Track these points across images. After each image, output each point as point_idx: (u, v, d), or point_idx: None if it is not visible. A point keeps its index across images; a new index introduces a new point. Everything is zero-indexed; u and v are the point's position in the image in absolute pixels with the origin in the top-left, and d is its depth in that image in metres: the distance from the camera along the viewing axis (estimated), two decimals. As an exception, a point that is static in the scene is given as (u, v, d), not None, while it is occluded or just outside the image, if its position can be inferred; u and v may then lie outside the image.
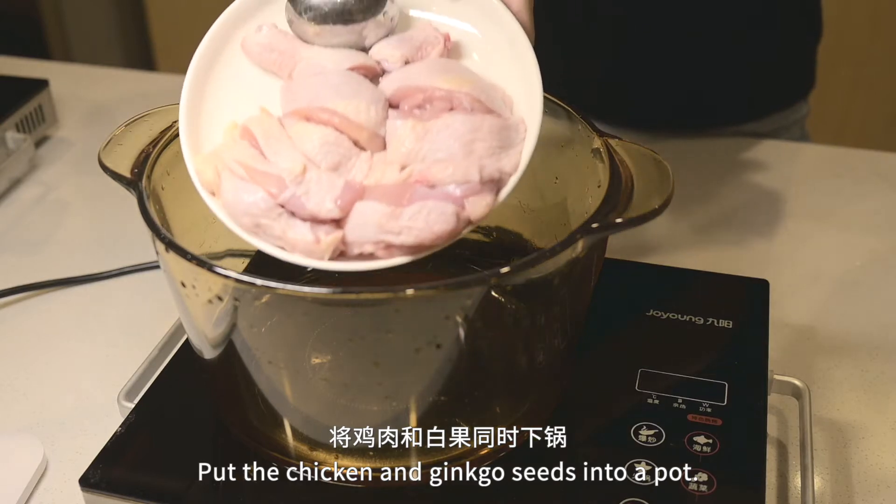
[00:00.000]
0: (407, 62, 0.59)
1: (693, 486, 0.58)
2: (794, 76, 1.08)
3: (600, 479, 0.59)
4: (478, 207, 0.53)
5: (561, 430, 0.63)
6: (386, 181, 0.54)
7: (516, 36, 0.59)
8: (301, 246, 0.52)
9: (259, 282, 0.52)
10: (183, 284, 0.56)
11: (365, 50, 0.60)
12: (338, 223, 0.53)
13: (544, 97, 0.66)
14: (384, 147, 0.56)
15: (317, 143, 0.55)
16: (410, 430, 0.57)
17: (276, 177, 0.53)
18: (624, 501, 0.57)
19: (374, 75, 0.59)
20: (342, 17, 0.59)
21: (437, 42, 0.60)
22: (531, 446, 0.61)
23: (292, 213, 0.53)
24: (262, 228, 0.54)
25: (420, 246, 0.52)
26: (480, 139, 0.54)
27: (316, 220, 0.53)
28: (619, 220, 0.55)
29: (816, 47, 1.07)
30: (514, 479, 0.60)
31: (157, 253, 0.57)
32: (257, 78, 0.62)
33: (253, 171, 0.54)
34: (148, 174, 0.60)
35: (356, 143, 0.56)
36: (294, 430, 0.60)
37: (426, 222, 0.52)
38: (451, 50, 0.61)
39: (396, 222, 0.52)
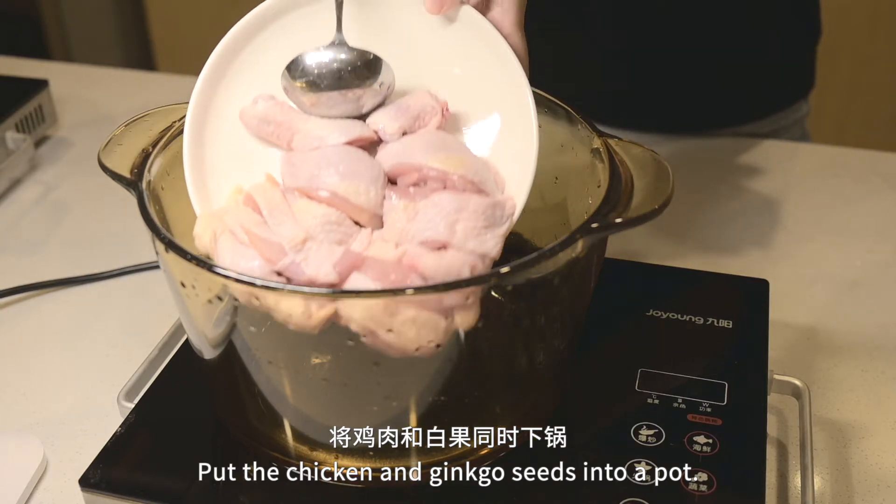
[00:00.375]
0: (405, 133, 0.59)
1: (693, 486, 0.58)
2: (794, 76, 1.08)
3: (600, 479, 0.59)
4: (466, 319, 0.53)
5: (561, 430, 0.63)
6: (382, 257, 0.54)
7: (508, 60, 0.60)
8: (294, 319, 0.52)
9: (259, 282, 0.52)
10: (183, 284, 0.56)
11: (362, 117, 0.61)
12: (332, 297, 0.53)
13: (544, 97, 0.66)
14: (383, 224, 0.57)
15: (319, 220, 0.56)
16: (410, 430, 0.57)
17: (277, 244, 0.54)
18: (624, 501, 0.57)
19: (372, 145, 0.60)
20: (337, 84, 0.60)
21: (436, 112, 0.60)
22: (531, 446, 0.61)
23: (288, 281, 0.53)
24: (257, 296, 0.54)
25: (403, 352, 0.53)
26: (465, 219, 0.55)
27: (313, 285, 0.53)
28: (619, 220, 0.55)
29: (816, 47, 1.07)
30: (514, 479, 0.60)
31: (157, 253, 0.57)
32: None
33: (255, 236, 0.55)
34: (147, 174, 0.60)
35: (356, 223, 0.57)
36: (294, 430, 0.60)
37: (416, 333, 0.52)
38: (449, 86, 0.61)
39: (389, 319, 0.52)
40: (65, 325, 0.82)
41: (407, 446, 0.58)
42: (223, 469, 0.61)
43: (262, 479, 0.60)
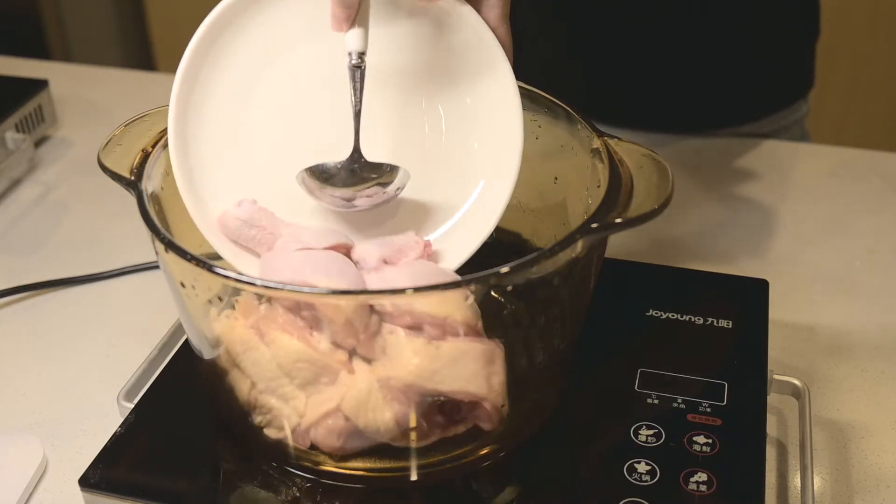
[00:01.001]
0: (385, 262, 0.61)
1: (693, 486, 0.58)
2: (794, 76, 1.08)
3: (600, 479, 0.59)
4: None
5: (561, 429, 0.63)
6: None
7: (494, 52, 0.61)
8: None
9: (259, 282, 0.52)
10: (183, 284, 0.56)
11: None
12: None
13: (544, 97, 0.66)
14: (356, 336, 0.56)
15: (292, 357, 0.56)
16: (410, 430, 0.57)
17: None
18: (624, 501, 0.57)
19: (347, 253, 0.61)
20: (351, 181, 0.62)
21: (417, 246, 0.62)
22: (531, 447, 0.61)
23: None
24: None
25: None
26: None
27: None
28: (618, 220, 0.55)
29: (815, 46, 1.07)
30: (513, 479, 0.60)
31: (157, 253, 0.57)
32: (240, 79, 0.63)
33: None
34: (147, 174, 0.60)
35: (335, 331, 0.56)
36: (296, 432, 0.60)
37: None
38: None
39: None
40: (65, 325, 0.82)
41: (406, 446, 0.58)
42: (223, 469, 0.61)
43: (262, 479, 0.60)
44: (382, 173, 0.63)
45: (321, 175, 0.62)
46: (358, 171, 0.62)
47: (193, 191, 0.62)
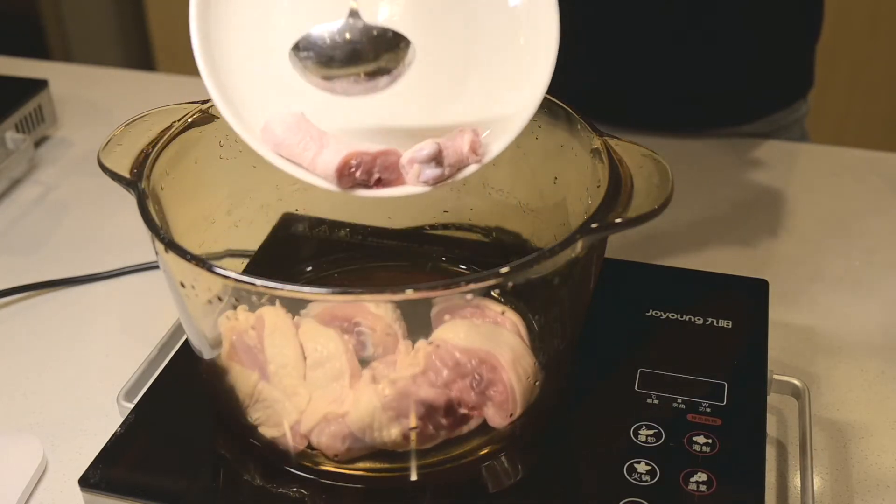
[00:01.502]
0: (439, 153, 0.56)
1: (693, 486, 0.58)
2: (793, 75, 1.08)
3: (600, 479, 0.59)
4: None
5: (561, 429, 0.63)
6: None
7: None
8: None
9: (259, 282, 0.52)
10: (182, 284, 0.56)
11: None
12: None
13: (544, 97, 0.66)
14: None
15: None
16: (410, 430, 0.57)
17: None
18: (624, 501, 0.57)
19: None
20: (352, 60, 0.55)
21: (466, 136, 0.57)
22: (531, 446, 0.61)
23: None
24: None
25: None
26: None
27: None
28: (618, 220, 0.55)
29: (815, 46, 1.07)
30: (513, 479, 0.60)
31: (157, 253, 0.57)
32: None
33: None
34: (147, 174, 0.60)
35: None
36: (293, 430, 0.60)
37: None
38: None
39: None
40: (65, 325, 0.82)
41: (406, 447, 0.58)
42: (223, 469, 0.61)
43: (262, 479, 0.60)
44: (388, 46, 0.56)
45: (316, 50, 0.55)
46: (359, 44, 0.55)
47: (228, 100, 0.58)
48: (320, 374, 0.56)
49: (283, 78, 0.59)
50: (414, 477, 0.59)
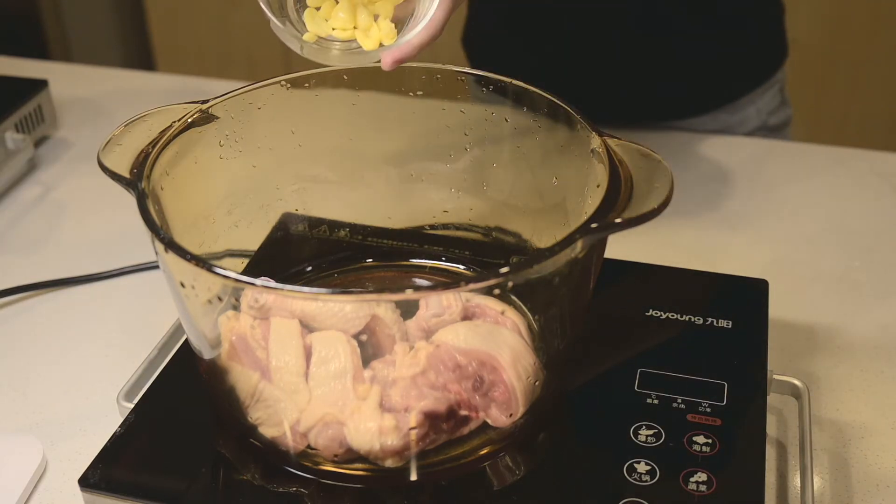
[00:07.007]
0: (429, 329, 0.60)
1: (693, 486, 0.58)
2: (768, 52, 1.09)
3: (600, 479, 0.59)
4: None
5: (561, 429, 0.63)
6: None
7: None
8: None
9: (259, 282, 0.52)
10: (182, 284, 0.56)
11: None
12: None
13: (544, 97, 0.66)
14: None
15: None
16: (410, 430, 0.57)
17: None
18: (624, 501, 0.57)
19: None
20: None
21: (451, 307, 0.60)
22: (531, 446, 0.61)
23: None
24: None
25: None
26: None
27: None
28: (618, 220, 0.55)
29: (783, 17, 1.08)
30: (513, 478, 0.60)
31: (157, 253, 0.57)
32: None
33: None
34: (147, 174, 0.60)
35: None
36: (293, 430, 0.60)
37: None
38: None
39: None
40: (65, 325, 0.82)
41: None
42: (223, 469, 0.61)
43: (262, 479, 0.60)
44: None
45: None
46: None
47: None
48: (323, 372, 0.56)
49: None
50: (414, 477, 0.59)
